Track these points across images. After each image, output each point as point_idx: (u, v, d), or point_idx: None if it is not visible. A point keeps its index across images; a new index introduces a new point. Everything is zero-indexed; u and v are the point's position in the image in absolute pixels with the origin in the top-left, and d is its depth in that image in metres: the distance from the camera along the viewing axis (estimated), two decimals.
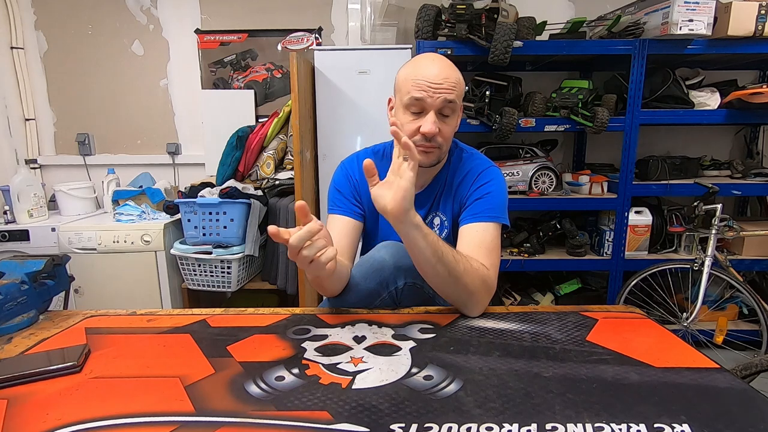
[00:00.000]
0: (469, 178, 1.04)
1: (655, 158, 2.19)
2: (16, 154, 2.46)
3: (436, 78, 0.91)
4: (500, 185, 1.02)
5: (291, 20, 2.43)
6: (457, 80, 0.94)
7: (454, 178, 1.05)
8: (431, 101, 0.91)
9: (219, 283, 1.97)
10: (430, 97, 0.91)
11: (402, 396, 0.63)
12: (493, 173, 1.04)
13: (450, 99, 0.92)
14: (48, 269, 0.98)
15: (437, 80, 0.91)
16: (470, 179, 1.03)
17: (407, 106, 0.94)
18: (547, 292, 2.32)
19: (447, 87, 0.91)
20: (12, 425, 0.58)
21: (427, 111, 0.92)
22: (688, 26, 1.82)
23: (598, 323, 0.88)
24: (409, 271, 0.95)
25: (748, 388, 0.65)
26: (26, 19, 2.43)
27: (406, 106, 0.94)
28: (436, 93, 0.91)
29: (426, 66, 0.93)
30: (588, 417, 0.58)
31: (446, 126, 0.95)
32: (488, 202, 0.99)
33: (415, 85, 0.91)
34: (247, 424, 0.58)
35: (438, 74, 0.91)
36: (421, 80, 0.91)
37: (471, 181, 1.03)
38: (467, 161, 1.07)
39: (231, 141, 2.11)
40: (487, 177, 1.02)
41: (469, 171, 1.04)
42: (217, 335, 0.84)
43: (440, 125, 0.93)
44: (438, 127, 0.92)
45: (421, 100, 0.91)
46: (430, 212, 1.08)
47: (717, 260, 1.89)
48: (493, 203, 0.99)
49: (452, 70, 0.94)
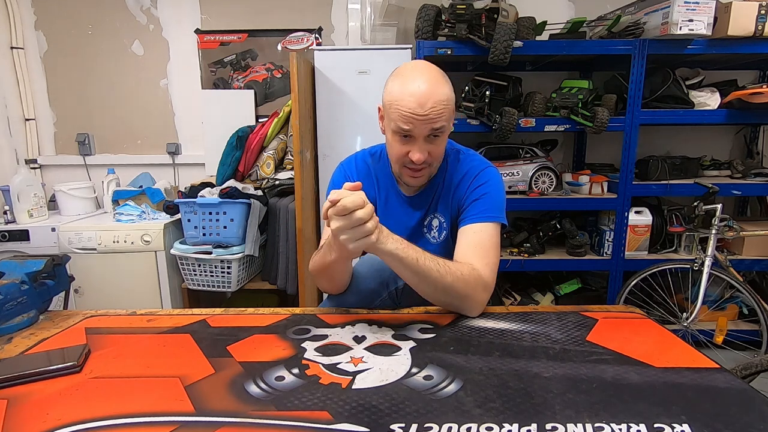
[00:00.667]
0: (466, 179, 1.04)
1: (655, 158, 2.19)
2: (16, 154, 2.46)
3: (423, 108, 0.88)
4: (497, 185, 1.03)
5: (291, 20, 2.43)
6: (446, 100, 0.91)
7: (452, 180, 1.05)
8: (418, 132, 0.91)
9: (219, 283, 1.97)
10: (417, 128, 0.90)
11: (402, 396, 0.63)
12: (490, 174, 1.04)
13: (437, 126, 0.90)
14: (48, 269, 0.98)
15: (424, 111, 0.88)
16: (468, 180, 1.03)
17: (395, 132, 0.93)
18: (547, 292, 2.32)
19: (433, 116, 0.89)
20: (12, 425, 0.58)
21: (415, 138, 0.92)
22: (688, 26, 1.82)
23: (598, 323, 0.88)
24: None
25: (748, 388, 0.65)
26: (26, 19, 2.43)
27: (394, 132, 0.93)
28: (423, 124, 0.89)
29: (412, 92, 0.88)
30: (588, 417, 0.58)
31: (436, 147, 0.95)
32: (486, 202, 0.99)
33: (402, 117, 0.89)
34: (247, 424, 0.58)
35: (425, 103, 0.88)
36: (406, 112, 0.88)
37: (468, 183, 1.03)
38: (464, 162, 1.07)
39: (231, 141, 2.11)
40: (484, 178, 1.02)
41: (467, 172, 1.04)
42: (217, 335, 0.84)
43: (430, 148, 0.93)
44: (427, 151, 0.93)
45: (409, 131, 0.91)
46: (428, 214, 1.08)
47: (717, 260, 1.88)
48: (490, 204, 0.99)
49: (440, 89, 0.90)
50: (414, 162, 0.93)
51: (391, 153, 0.99)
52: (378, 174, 1.10)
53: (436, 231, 1.07)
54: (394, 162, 0.99)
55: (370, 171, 1.10)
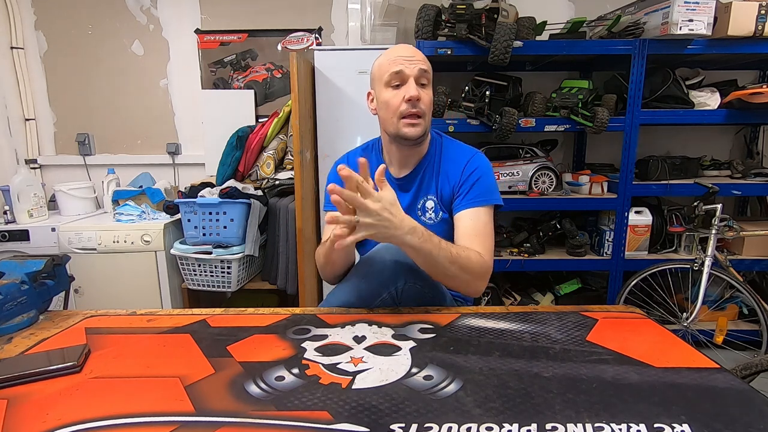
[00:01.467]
0: (457, 165, 1.10)
1: (655, 158, 2.19)
2: (16, 154, 2.46)
3: (408, 53, 1.04)
4: (487, 170, 1.10)
5: (291, 20, 2.43)
6: (425, 58, 1.06)
7: (441, 164, 1.12)
8: (409, 71, 1.02)
9: (219, 283, 1.97)
10: (408, 68, 1.02)
11: (402, 396, 0.63)
12: (479, 160, 1.11)
13: (424, 68, 1.03)
14: (48, 269, 0.98)
15: (410, 54, 1.04)
16: (459, 167, 1.10)
17: (388, 83, 1.04)
18: (547, 292, 2.32)
19: (419, 59, 1.04)
20: (12, 425, 0.58)
21: (407, 80, 1.02)
22: (688, 26, 1.82)
23: (598, 323, 0.88)
24: (409, 272, 0.96)
25: (748, 388, 0.65)
26: (26, 19, 2.43)
27: (387, 83, 1.04)
28: (412, 64, 1.02)
29: (397, 48, 1.06)
30: (588, 417, 0.58)
31: (425, 94, 1.04)
32: (479, 187, 1.06)
33: (393, 61, 1.03)
34: (247, 424, 0.58)
35: (409, 51, 1.04)
36: (396, 57, 1.03)
37: (460, 170, 1.09)
38: (451, 148, 1.15)
39: (231, 141, 2.10)
40: (474, 164, 1.09)
41: (456, 158, 1.11)
42: (217, 335, 0.84)
43: (421, 92, 1.03)
44: (419, 94, 1.02)
45: (401, 72, 1.02)
46: (420, 197, 1.13)
47: (717, 260, 1.88)
48: (483, 188, 1.06)
49: (419, 51, 1.06)
50: (411, 99, 1.00)
51: (387, 110, 1.05)
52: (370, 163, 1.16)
53: (432, 212, 1.13)
54: (394, 115, 1.04)
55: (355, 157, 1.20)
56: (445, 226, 1.12)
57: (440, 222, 1.13)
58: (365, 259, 1.00)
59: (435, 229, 1.09)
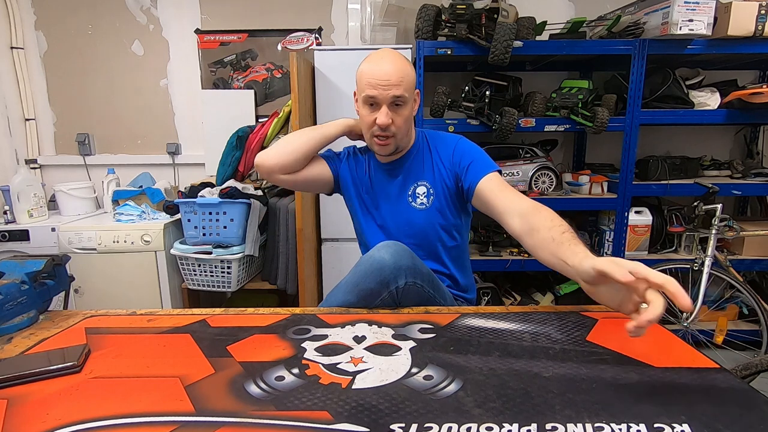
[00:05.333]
0: (446, 153, 1.16)
1: (655, 158, 2.19)
2: (16, 154, 2.46)
3: (385, 76, 1.04)
4: (476, 147, 1.16)
5: (291, 20, 2.43)
6: (406, 75, 1.06)
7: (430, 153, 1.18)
8: (382, 98, 1.05)
9: (219, 283, 1.97)
10: (381, 95, 1.05)
11: (402, 396, 0.63)
12: (465, 142, 1.18)
13: (398, 95, 1.05)
14: (48, 269, 0.98)
15: (385, 78, 1.04)
16: (448, 154, 1.16)
17: (364, 101, 1.09)
18: (547, 292, 2.32)
19: (395, 83, 1.04)
20: (12, 425, 0.58)
21: (380, 105, 1.06)
22: (688, 26, 1.82)
23: (598, 323, 0.88)
24: (410, 271, 0.96)
25: (748, 388, 0.65)
26: (26, 19, 2.43)
27: (363, 101, 1.09)
28: (385, 90, 1.04)
29: (377, 64, 1.06)
30: (588, 417, 0.58)
31: (398, 117, 1.08)
32: (478, 163, 1.11)
33: (368, 84, 1.05)
34: (247, 424, 0.58)
35: (387, 72, 1.05)
36: (372, 79, 1.05)
37: (450, 155, 1.15)
38: (437, 138, 1.21)
39: (231, 141, 2.10)
40: (461, 147, 1.16)
41: (444, 147, 1.18)
42: (217, 335, 0.84)
43: (393, 116, 1.07)
44: (391, 118, 1.06)
45: (374, 97, 1.06)
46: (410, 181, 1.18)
47: (717, 260, 1.89)
48: (481, 161, 1.11)
49: (401, 65, 1.06)
50: (379, 126, 1.06)
51: (362, 123, 1.13)
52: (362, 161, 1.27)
53: (423, 197, 1.18)
54: (366, 131, 1.13)
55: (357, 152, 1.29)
56: (436, 213, 1.17)
57: (431, 209, 1.17)
58: (365, 259, 1.00)
59: (424, 216, 1.17)
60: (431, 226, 1.17)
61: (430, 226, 1.17)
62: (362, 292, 0.96)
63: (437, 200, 1.16)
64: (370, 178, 1.23)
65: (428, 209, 1.17)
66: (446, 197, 1.16)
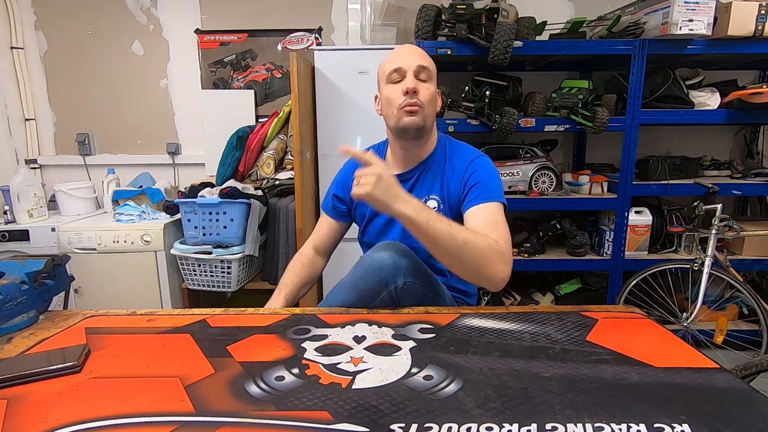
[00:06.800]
0: (460, 167, 1.10)
1: (655, 158, 2.19)
2: (16, 154, 2.46)
3: (408, 51, 1.09)
4: (492, 171, 1.10)
5: (291, 20, 2.43)
6: (426, 55, 1.09)
7: (446, 165, 1.12)
8: (406, 66, 1.05)
9: (219, 283, 1.97)
10: (405, 63, 1.05)
11: (402, 396, 0.63)
12: (484, 162, 1.11)
13: (423, 64, 1.05)
14: (48, 269, 0.98)
15: (409, 52, 1.08)
16: (461, 168, 1.10)
17: (389, 79, 1.07)
18: (547, 292, 2.32)
19: (419, 56, 1.07)
20: (12, 425, 0.58)
21: (405, 74, 1.05)
22: (688, 26, 1.82)
23: (598, 323, 0.88)
24: (409, 271, 0.96)
25: (748, 388, 0.65)
26: (26, 19, 2.43)
27: (388, 80, 1.07)
28: (410, 59, 1.06)
29: (399, 48, 1.11)
30: (588, 417, 0.58)
31: (424, 88, 1.05)
32: (483, 186, 1.06)
33: (393, 60, 1.07)
34: (247, 424, 0.58)
35: (410, 50, 1.09)
36: (396, 55, 1.08)
37: (463, 170, 1.09)
38: (456, 150, 1.15)
39: (231, 141, 2.10)
40: (476, 165, 1.10)
41: (460, 160, 1.12)
42: (217, 335, 0.84)
43: (420, 85, 1.05)
44: (418, 85, 1.04)
45: (399, 68, 1.05)
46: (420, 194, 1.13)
47: (717, 260, 1.88)
48: (488, 186, 1.06)
49: (422, 50, 1.10)
50: (407, 90, 1.03)
51: (388, 103, 1.08)
52: None
53: None
54: (394, 108, 1.06)
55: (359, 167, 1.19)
56: None
57: None
58: (365, 259, 1.00)
59: None
60: None
61: None
62: (362, 292, 0.96)
63: (448, 214, 1.10)
64: None
65: None
66: (454, 214, 1.11)
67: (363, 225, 1.23)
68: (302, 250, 1.29)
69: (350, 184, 1.16)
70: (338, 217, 1.26)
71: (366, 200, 0.88)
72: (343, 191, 1.23)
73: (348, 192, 1.17)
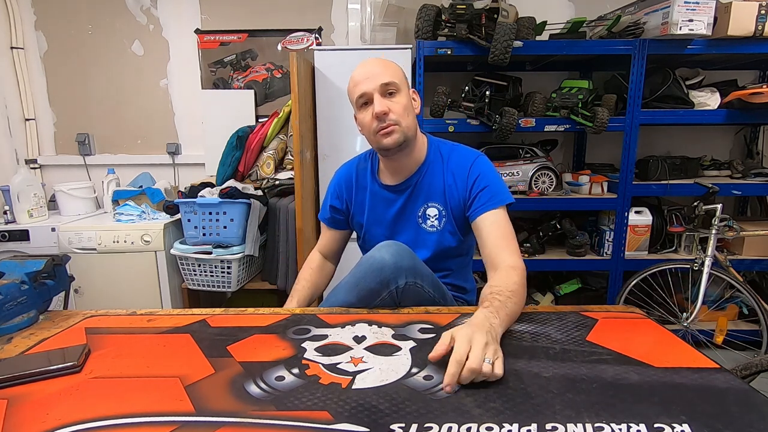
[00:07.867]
0: (461, 171, 1.10)
1: (655, 158, 2.19)
2: (16, 154, 2.46)
3: (368, 70, 1.04)
4: (493, 171, 1.10)
5: (291, 20, 2.43)
6: (387, 66, 1.05)
7: (445, 171, 1.11)
8: (370, 89, 1.02)
9: (219, 283, 1.97)
10: (368, 86, 1.02)
11: (402, 396, 0.63)
12: (484, 162, 1.11)
13: (385, 81, 1.02)
14: (48, 269, 0.98)
15: (368, 72, 1.03)
16: (463, 173, 1.09)
17: (358, 103, 1.06)
18: (547, 292, 2.32)
19: (378, 73, 1.03)
20: (12, 425, 0.58)
21: (371, 97, 1.03)
22: (688, 26, 1.82)
23: (598, 323, 0.88)
24: (410, 271, 0.96)
25: (748, 388, 0.65)
26: (26, 19, 2.43)
27: (357, 104, 1.06)
28: (371, 80, 1.02)
29: (359, 67, 1.06)
30: (588, 417, 0.58)
31: (395, 104, 1.03)
32: (491, 190, 1.06)
33: (357, 84, 1.04)
34: (247, 424, 0.58)
35: (369, 68, 1.04)
36: (358, 78, 1.04)
37: (465, 175, 1.09)
38: (452, 152, 1.14)
39: (231, 141, 2.10)
40: (479, 168, 1.09)
41: (459, 164, 1.11)
42: (217, 335, 0.84)
43: (389, 104, 1.02)
44: (387, 105, 1.02)
45: (364, 93, 1.03)
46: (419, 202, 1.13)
47: (717, 260, 1.88)
48: (494, 190, 1.06)
49: (383, 61, 1.06)
50: (377, 114, 1.01)
51: (363, 128, 1.08)
52: (359, 174, 1.21)
53: (435, 219, 1.13)
54: (370, 134, 1.06)
55: (350, 177, 1.22)
56: (449, 237, 1.12)
57: (443, 232, 1.12)
58: (365, 259, 1.00)
59: (436, 238, 1.12)
60: (442, 249, 1.13)
61: (441, 249, 1.13)
62: (362, 292, 0.96)
63: (449, 223, 1.11)
64: (378, 202, 1.17)
65: (440, 231, 1.12)
66: (458, 219, 1.11)
67: (362, 233, 1.23)
68: (310, 257, 1.29)
69: (344, 191, 1.21)
70: (338, 226, 1.26)
71: None
72: (339, 200, 1.23)
73: (343, 200, 1.21)
